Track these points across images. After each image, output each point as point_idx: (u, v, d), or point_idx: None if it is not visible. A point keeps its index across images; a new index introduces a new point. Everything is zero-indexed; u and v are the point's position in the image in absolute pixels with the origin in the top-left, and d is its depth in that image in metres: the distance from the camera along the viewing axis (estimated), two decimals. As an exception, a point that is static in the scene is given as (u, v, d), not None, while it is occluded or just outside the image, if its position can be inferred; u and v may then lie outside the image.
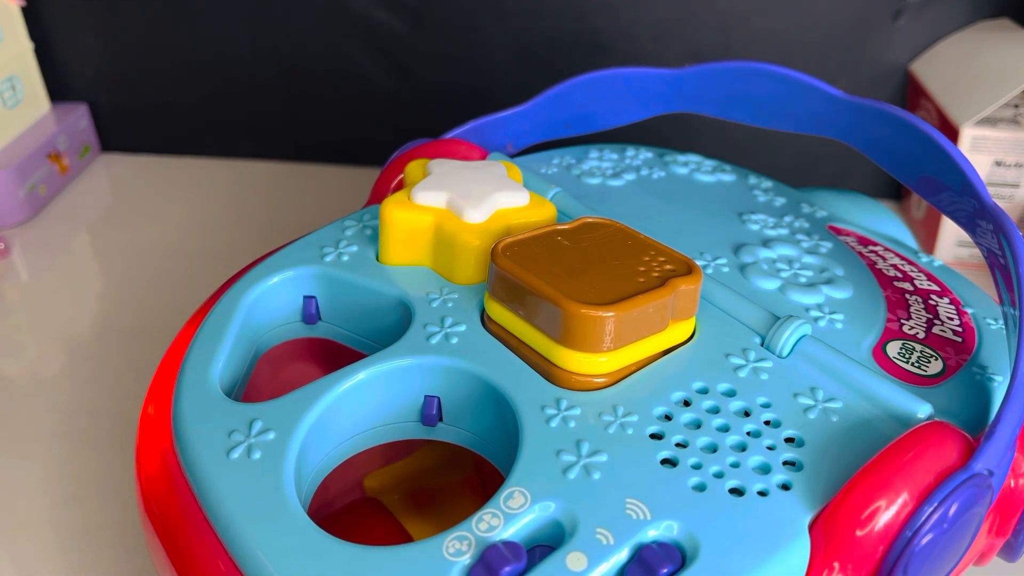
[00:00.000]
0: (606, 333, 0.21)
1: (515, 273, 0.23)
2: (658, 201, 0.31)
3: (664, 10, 0.48)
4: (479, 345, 0.24)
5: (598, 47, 0.49)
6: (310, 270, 0.27)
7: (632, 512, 0.19)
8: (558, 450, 0.20)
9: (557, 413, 0.21)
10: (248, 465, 0.21)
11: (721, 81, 0.32)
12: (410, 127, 0.53)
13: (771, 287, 0.26)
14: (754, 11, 0.46)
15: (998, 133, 0.42)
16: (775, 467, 0.20)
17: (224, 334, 0.25)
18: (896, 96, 0.48)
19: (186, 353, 0.25)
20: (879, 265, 0.29)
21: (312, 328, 0.28)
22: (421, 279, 0.26)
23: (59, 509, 0.32)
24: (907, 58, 0.47)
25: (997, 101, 0.41)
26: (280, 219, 0.52)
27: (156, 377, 0.25)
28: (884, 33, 0.45)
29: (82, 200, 0.54)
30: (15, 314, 0.44)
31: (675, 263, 0.24)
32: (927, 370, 0.24)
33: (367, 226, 0.29)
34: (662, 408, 0.21)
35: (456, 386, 0.23)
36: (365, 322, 0.27)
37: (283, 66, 0.54)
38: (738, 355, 0.23)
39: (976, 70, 0.43)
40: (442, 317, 0.24)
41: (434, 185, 0.27)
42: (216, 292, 0.28)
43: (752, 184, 0.34)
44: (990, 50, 0.43)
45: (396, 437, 0.24)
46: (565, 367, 0.22)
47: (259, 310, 0.27)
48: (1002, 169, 0.42)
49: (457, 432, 0.24)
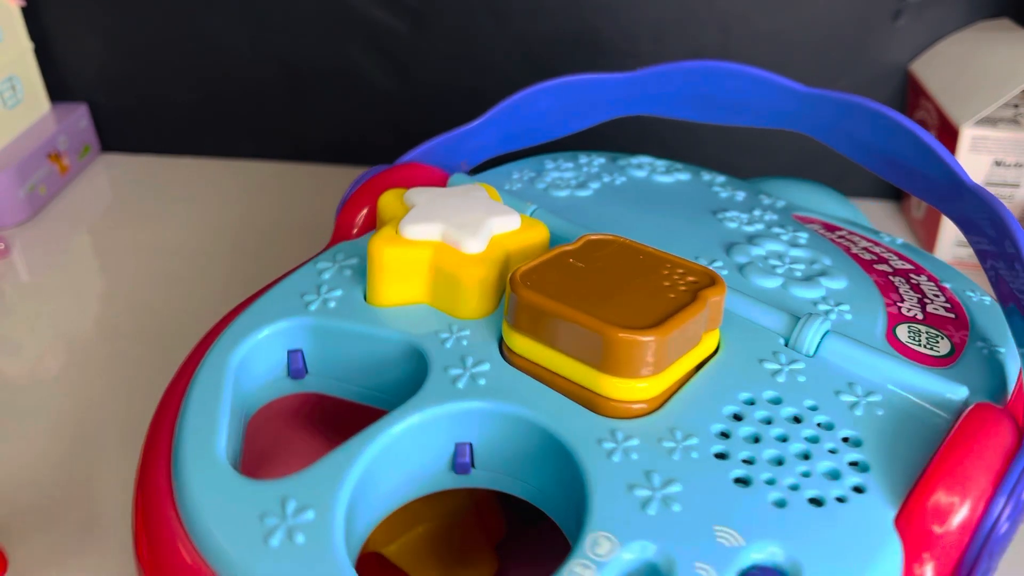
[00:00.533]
0: (652, 356, 0.21)
1: (545, 304, 0.22)
2: (631, 208, 0.31)
3: (664, 10, 0.47)
4: (509, 383, 0.22)
5: (598, 47, 0.49)
6: (296, 321, 0.25)
7: (724, 540, 0.18)
8: (630, 485, 0.19)
9: (616, 446, 0.20)
10: (294, 552, 0.19)
11: (674, 82, 0.32)
12: (410, 127, 0.53)
13: (773, 285, 0.26)
14: (754, 11, 0.46)
15: (998, 133, 0.42)
16: (843, 471, 0.20)
17: (218, 404, 0.23)
18: (896, 96, 0.49)
19: (179, 430, 0.22)
20: (853, 250, 0.30)
21: (300, 383, 0.26)
22: (423, 318, 0.25)
23: (59, 509, 0.32)
24: (907, 58, 0.48)
25: (997, 101, 0.41)
26: (280, 219, 0.51)
27: (146, 456, 0.23)
28: (884, 33, 0.46)
29: (82, 200, 0.54)
30: (15, 314, 0.44)
31: (695, 274, 0.23)
32: (939, 350, 0.24)
33: (344, 266, 0.27)
34: (718, 425, 0.21)
35: (491, 429, 0.22)
36: (366, 371, 0.25)
37: (283, 66, 0.54)
38: (770, 359, 0.23)
39: (976, 70, 0.43)
40: (461, 357, 0.23)
41: (422, 217, 0.25)
42: (196, 349, 0.25)
43: (707, 181, 0.34)
44: (990, 50, 0.44)
45: (428, 491, 0.23)
46: (612, 396, 0.21)
47: (244, 371, 0.25)
48: (1002, 169, 0.43)
49: (494, 477, 0.23)
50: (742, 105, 0.31)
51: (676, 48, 0.49)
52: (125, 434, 0.36)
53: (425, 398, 0.22)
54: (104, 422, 0.36)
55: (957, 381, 0.22)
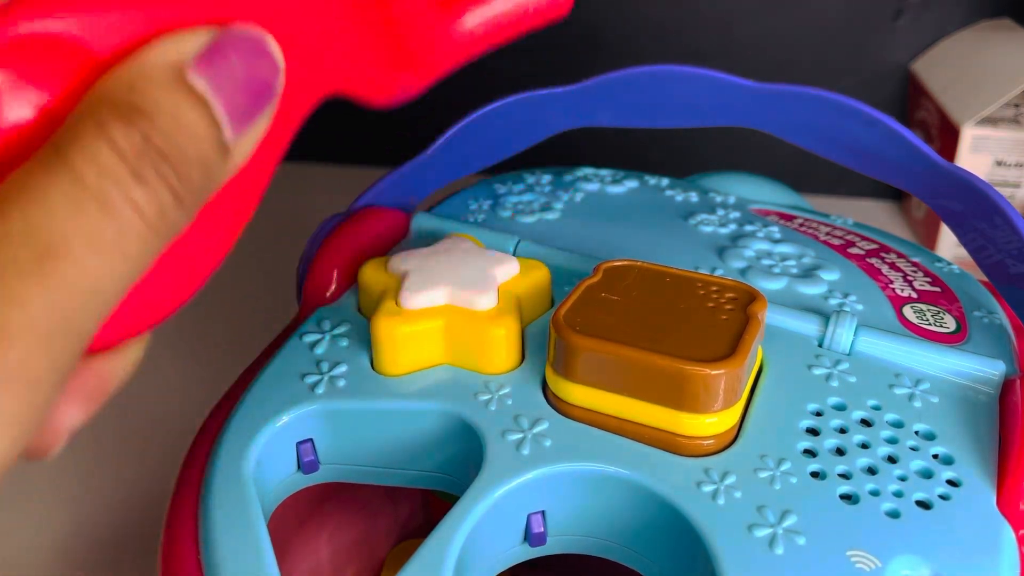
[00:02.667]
0: (732, 386, 0.20)
1: (606, 349, 0.20)
2: (605, 225, 0.30)
3: (664, 10, 0.46)
4: (576, 438, 0.21)
5: (598, 47, 0.48)
6: (304, 409, 0.22)
7: (862, 564, 0.18)
8: (748, 526, 0.19)
9: (716, 486, 0.19)
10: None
11: (622, 90, 0.31)
12: (410, 127, 0.51)
13: (779, 286, 0.26)
14: (754, 11, 0.46)
15: (999, 133, 0.42)
16: (934, 468, 0.20)
17: (257, 533, 0.19)
18: (897, 96, 0.49)
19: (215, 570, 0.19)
20: (821, 237, 0.30)
21: (313, 476, 0.23)
22: (451, 382, 0.22)
23: (58, 509, 0.32)
24: (908, 58, 0.48)
25: (998, 101, 0.41)
26: (280, 219, 0.50)
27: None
28: (884, 33, 0.47)
29: None
30: None
31: (733, 291, 0.23)
32: (948, 326, 0.25)
33: (336, 336, 0.24)
34: (802, 443, 0.21)
35: (566, 492, 0.20)
36: (398, 451, 0.22)
37: None
38: (817, 365, 0.23)
39: (977, 70, 0.44)
40: (515, 417, 0.21)
41: (422, 284, 0.23)
42: (193, 451, 0.22)
43: (655, 185, 0.34)
44: (990, 50, 0.44)
45: (499, 570, 0.21)
46: (695, 433, 0.20)
47: (256, 478, 0.21)
48: (1002, 169, 0.43)
49: (572, 541, 0.21)
50: (694, 107, 0.30)
51: (676, 48, 0.48)
52: (125, 434, 0.36)
53: (493, 473, 0.20)
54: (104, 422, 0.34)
55: (982, 354, 0.23)
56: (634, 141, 0.52)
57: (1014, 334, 0.25)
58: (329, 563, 0.28)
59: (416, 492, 0.31)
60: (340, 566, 0.29)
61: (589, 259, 0.27)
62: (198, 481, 0.21)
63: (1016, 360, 0.24)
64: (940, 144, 0.47)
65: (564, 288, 0.26)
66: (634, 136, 0.51)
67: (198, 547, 0.20)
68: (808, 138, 0.30)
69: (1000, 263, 0.26)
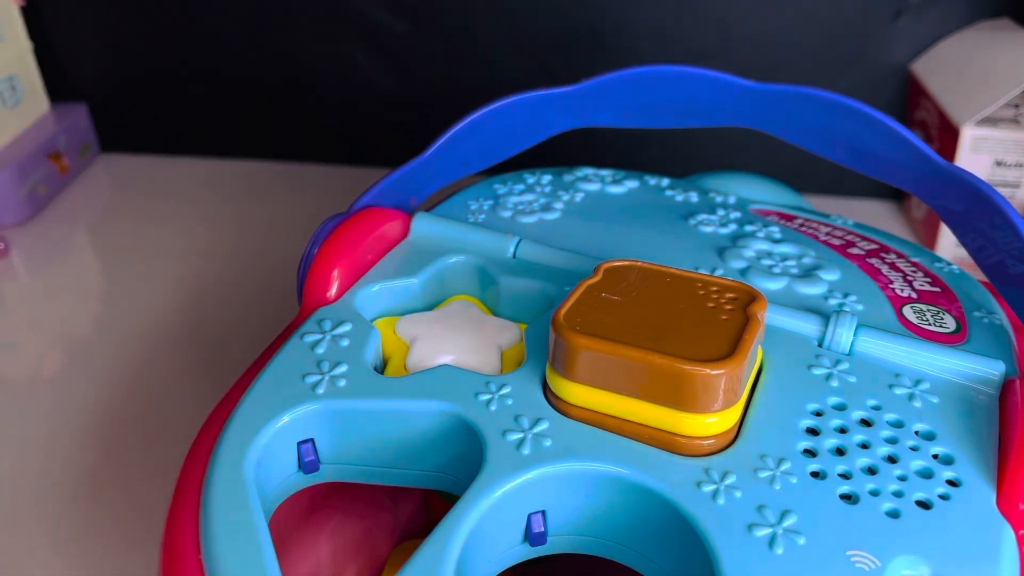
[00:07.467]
0: (732, 385, 0.20)
1: (606, 348, 0.20)
2: (606, 225, 0.30)
3: (664, 10, 0.47)
4: (576, 438, 0.21)
5: (598, 47, 0.48)
6: (305, 409, 0.22)
7: (863, 564, 0.18)
8: (749, 525, 0.19)
9: (716, 486, 0.19)
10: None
11: (621, 91, 0.31)
12: (410, 126, 0.53)
13: (779, 286, 0.26)
14: (754, 11, 0.46)
15: (998, 133, 0.42)
16: (934, 468, 0.20)
17: (256, 524, 0.19)
18: (896, 96, 0.49)
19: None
20: (821, 237, 0.30)
21: (313, 476, 0.23)
22: (452, 382, 0.22)
23: (59, 509, 0.32)
24: (907, 58, 0.47)
25: (997, 101, 0.41)
26: (280, 219, 0.52)
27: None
28: (884, 33, 0.47)
29: (82, 200, 0.54)
30: (15, 314, 0.44)
31: (733, 291, 0.23)
32: (948, 326, 0.25)
33: (337, 336, 0.24)
34: (802, 443, 0.21)
35: (567, 492, 0.20)
36: (398, 450, 0.22)
37: (283, 66, 0.54)
38: (816, 364, 0.23)
39: (976, 70, 0.43)
40: (515, 417, 0.21)
41: (428, 353, 0.24)
42: (192, 453, 0.22)
43: (655, 185, 0.34)
44: (990, 50, 0.44)
45: (499, 570, 0.21)
46: (694, 433, 0.20)
47: (258, 478, 0.21)
48: (1002, 169, 0.43)
49: (572, 541, 0.21)
50: (694, 107, 0.31)
51: (676, 48, 0.48)
52: (125, 434, 0.36)
53: (495, 473, 0.20)
54: (104, 422, 0.36)
55: (982, 355, 0.23)
56: (634, 141, 0.52)
57: (1014, 334, 0.25)
58: (330, 563, 0.28)
59: (416, 492, 0.31)
60: (341, 566, 0.29)
61: (589, 259, 0.27)
62: (199, 481, 0.21)
63: (1016, 360, 0.24)
64: (940, 144, 0.47)
65: (564, 288, 0.26)
66: (634, 136, 0.51)
67: (199, 547, 0.20)
68: (808, 138, 0.30)
69: (1000, 263, 0.26)
